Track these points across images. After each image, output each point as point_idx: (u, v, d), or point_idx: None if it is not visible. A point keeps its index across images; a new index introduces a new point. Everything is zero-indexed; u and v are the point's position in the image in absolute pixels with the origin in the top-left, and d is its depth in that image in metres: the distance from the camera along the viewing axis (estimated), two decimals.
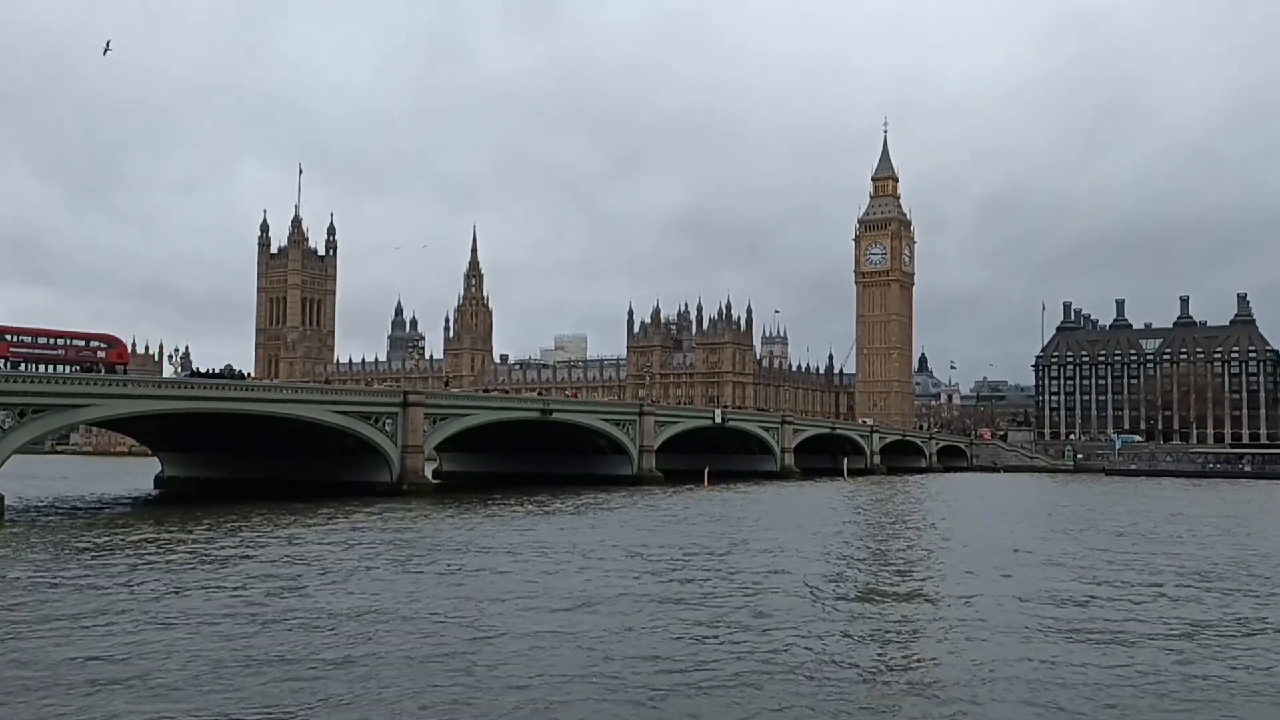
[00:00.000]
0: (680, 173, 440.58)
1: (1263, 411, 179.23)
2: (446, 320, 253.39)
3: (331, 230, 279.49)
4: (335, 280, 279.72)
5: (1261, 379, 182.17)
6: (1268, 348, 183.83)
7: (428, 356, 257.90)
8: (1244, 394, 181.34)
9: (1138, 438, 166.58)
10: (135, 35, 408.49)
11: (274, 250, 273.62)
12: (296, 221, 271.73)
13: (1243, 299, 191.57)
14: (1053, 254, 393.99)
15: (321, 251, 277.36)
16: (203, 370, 76.14)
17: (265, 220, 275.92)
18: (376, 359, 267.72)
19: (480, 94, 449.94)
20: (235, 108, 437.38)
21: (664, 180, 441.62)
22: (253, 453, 69.04)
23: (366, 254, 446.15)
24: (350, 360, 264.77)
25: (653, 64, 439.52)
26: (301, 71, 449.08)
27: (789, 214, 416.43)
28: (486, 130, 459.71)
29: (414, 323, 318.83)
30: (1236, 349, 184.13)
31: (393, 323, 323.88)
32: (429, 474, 75.47)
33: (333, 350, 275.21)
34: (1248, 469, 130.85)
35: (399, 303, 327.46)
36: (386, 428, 65.27)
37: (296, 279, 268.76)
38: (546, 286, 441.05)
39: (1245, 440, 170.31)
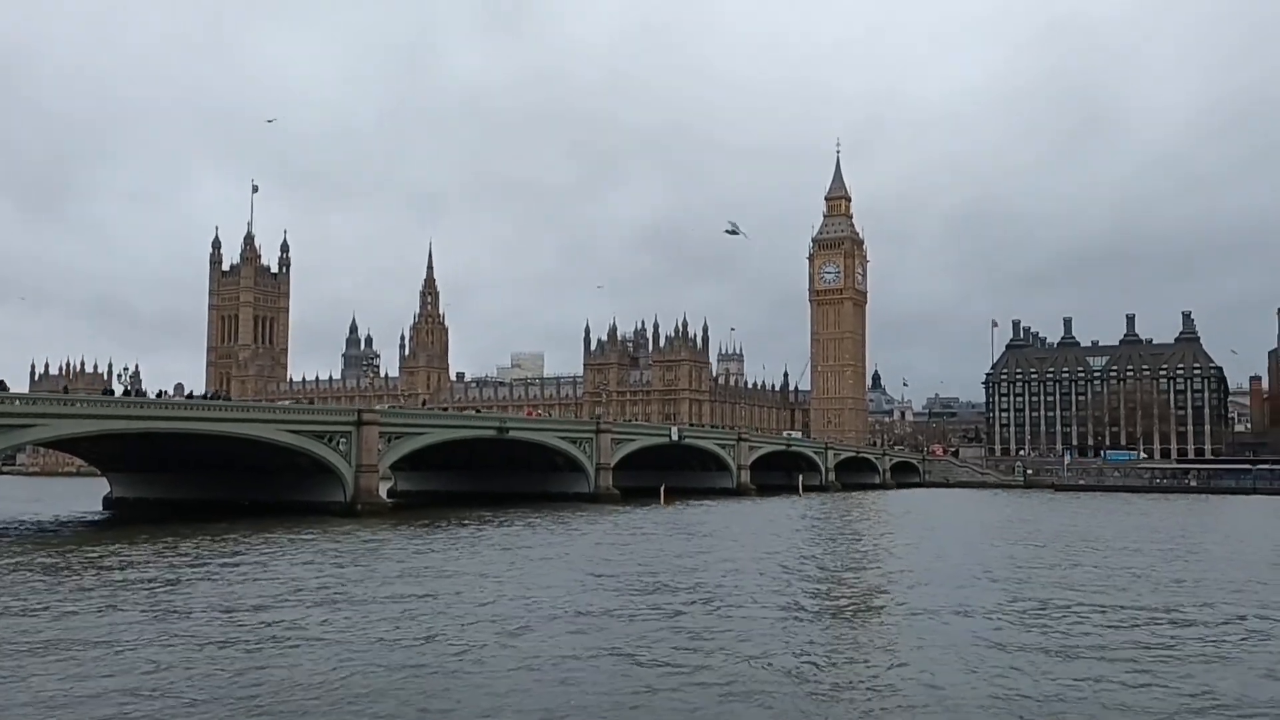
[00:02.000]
0: (652, 187, 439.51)
1: (1207, 427, 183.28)
2: (402, 338, 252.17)
3: (285, 247, 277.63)
4: (289, 297, 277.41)
5: (1206, 395, 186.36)
6: (1211, 365, 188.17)
7: (383, 374, 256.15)
8: (1189, 410, 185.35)
9: (1134, 455, 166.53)
10: (91, 41, 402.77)
11: (226, 267, 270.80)
12: (249, 239, 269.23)
13: (1187, 317, 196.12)
14: (1021, 269, 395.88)
15: (275, 268, 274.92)
16: (145, 391, 75.07)
17: (217, 237, 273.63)
18: (331, 377, 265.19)
19: (450, 104, 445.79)
20: (194, 116, 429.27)
21: (635, 194, 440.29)
22: (203, 473, 68.23)
23: (328, 267, 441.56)
24: (304, 378, 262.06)
25: (626, 77, 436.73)
26: (265, 80, 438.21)
27: (757, 229, 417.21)
28: (455, 141, 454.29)
29: (369, 340, 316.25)
30: (1181, 366, 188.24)
31: (347, 340, 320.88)
32: (384, 493, 74.97)
33: (286, 368, 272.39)
34: (1193, 484, 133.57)
35: (354, 320, 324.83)
36: (340, 447, 64.80)
37: (249, 296, 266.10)
38: (514, 300, 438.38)
39: (1191, 455, 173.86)
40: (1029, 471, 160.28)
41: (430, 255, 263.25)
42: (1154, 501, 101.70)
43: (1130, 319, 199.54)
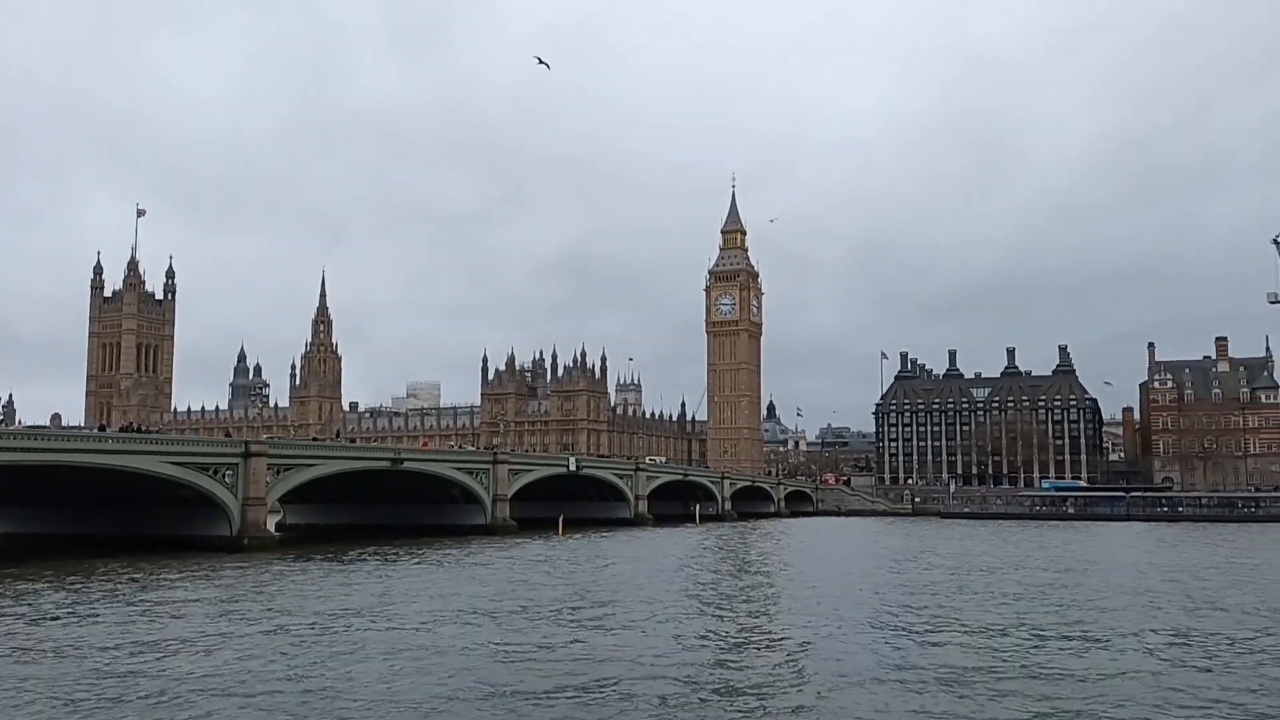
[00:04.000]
0: (559, 215, 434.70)
1: (1083, 456, 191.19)
2: (293, 367, 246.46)
3: (170, 273, 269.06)
4: (174, 325, 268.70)
5: (1081, 426, 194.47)
6: (1086, 396, 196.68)
7: (272, 404, 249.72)
8: (1066, 440, 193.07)
9: (1079, 481, 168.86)
10: None
11: (109, 293, 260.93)
12: (133, 264, 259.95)
13: (1063, 350, 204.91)
14: (919, 301, 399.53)
15: (160, 295, 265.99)
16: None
17: (99, 262, 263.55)
18: (217, 407, 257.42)
19: (355, 123, 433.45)
20: (84, 127, 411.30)
21: (542, 222, 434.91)
22: (79, 507, 65.42)
23: (218, 291, 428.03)
24: (189, 409, 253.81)
25: (541, 97, 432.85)
26: (160, 89, 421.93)
27: (664, 258, 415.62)
28: (359, 162, 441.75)
29: (258, 369, 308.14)
30: (1058, 397, 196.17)
31: (235, 369, 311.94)
32: (272, 527, 72.94)
33: (170, 398, 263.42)
34: (1071, 511, 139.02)
35: (242, 348, 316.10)
36: (226, 479, 62.89)
37: (132, 324, 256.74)
38: (415, 328, 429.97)
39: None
40: (917, 500, 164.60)
41: (323, 282, 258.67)
42: (1035, 528, 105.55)
43: (1010, 352, 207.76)
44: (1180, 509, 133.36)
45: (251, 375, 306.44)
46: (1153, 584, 44.51)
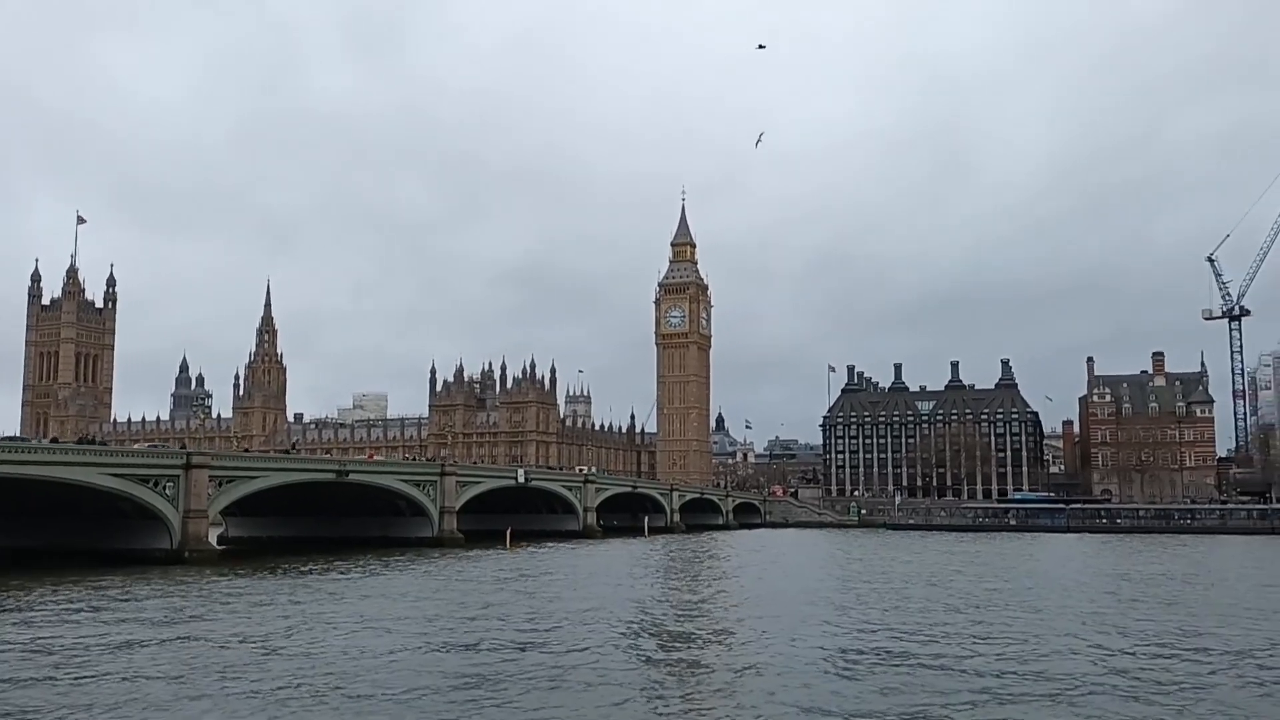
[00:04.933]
0: (515, 225, 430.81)
1: (1025, 469, 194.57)
2: (237, 377, 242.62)
3: (111, 281, 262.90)
4: (114, 334, 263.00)
5: (1023, 438, 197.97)
6: (1028, 410, 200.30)
7: (215, 415, 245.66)
8: (1008, 452, 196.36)
9: (1049, 494, 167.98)
10: None
11: (47, 301, 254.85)
12: (72, 272, 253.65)
13: (1006, 364, 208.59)
14: (874, 312, 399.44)
15: (101, 303, 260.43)
16: None
17: (37, 270, 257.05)
18: (159, 418, 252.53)
19: (310, 128, 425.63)
20: (23, 128, 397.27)
21: (498, 231, 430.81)
22: (10, 519, 63.78)
23: (165, 298, 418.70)
24: (130, 419, 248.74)
25: (500, 104, 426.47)
26: (107, 91, 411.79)
27: (619, 269, 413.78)
28: (313, 168, 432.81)
29: (200, 379, 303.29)
30: (1001, 411, 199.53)
31: (177, 379, 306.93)
32: (214, 540, 71.89)
33: (110, 409, 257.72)
34: (1013, 522, 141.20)
35: (184, 358, 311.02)
36: (167, 491, 61.91)
37: (70, 333, 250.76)
38: (365, 337, 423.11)
39: (1010, 495, 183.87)
40: (863, 511, 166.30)
41: (268, 291, 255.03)
42: (978, 539, 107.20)
43: (955, 365, 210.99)
44: (1118, 521, 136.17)
45: (194, 385, 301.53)
46: (1092, 593, 45.58)
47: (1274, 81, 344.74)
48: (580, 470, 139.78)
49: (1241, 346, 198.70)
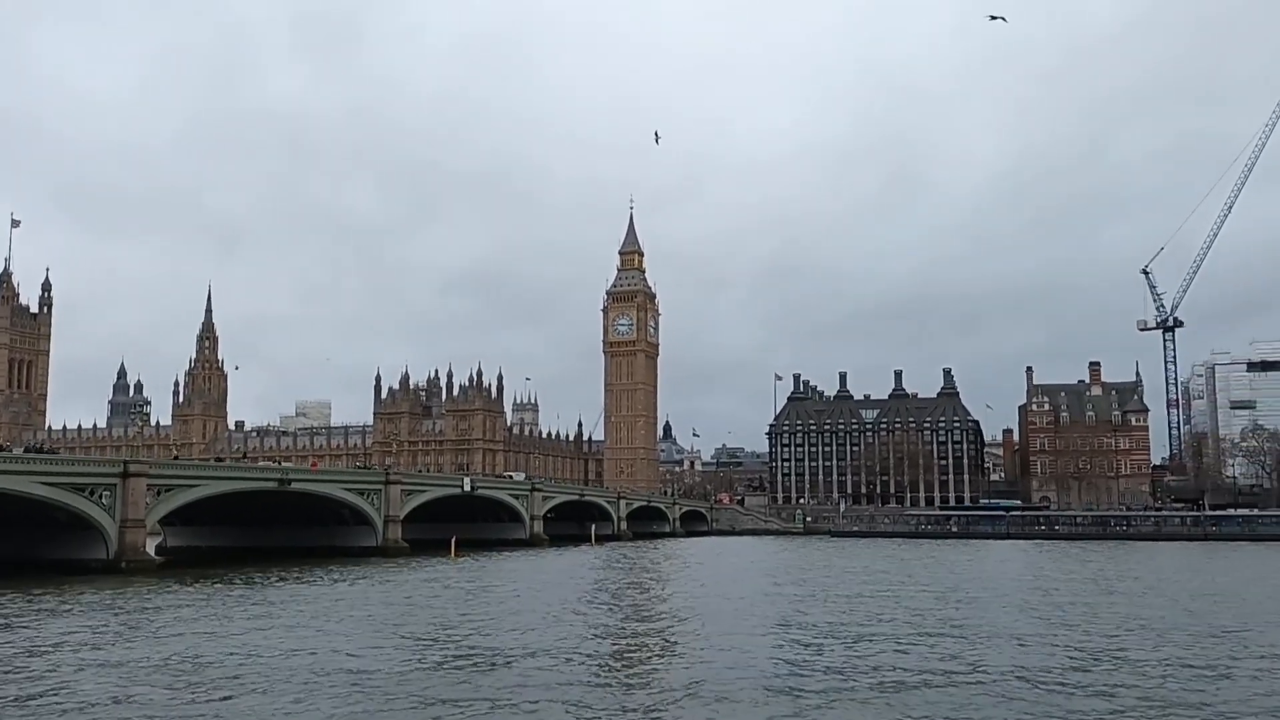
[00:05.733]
0: (469, 230, 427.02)
1: (966, 476, 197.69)
2: (176, 384, 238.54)
3: (47, 286, 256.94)
4: (50, 340, 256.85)
5: (965, 447, 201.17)
6: (969, 419, 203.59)
7: (154, 423, 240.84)
8: (950, 460, 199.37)
9: (1015, 503, 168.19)
10: None
11: None
12: (6, 275, 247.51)
13: (948, 374, 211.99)
14: (825, 321, 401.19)
15: (36, 308, 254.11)
16: None
17: None
18: (96, 425, 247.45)
19: (260, 129, 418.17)
20: None
21: (454, 233, 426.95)
22: None
23: (105, 301, 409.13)
24: (65, 427, 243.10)
25: (455, 107, 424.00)
26: (52, 89, 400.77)
27: (571, 276, 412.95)
28: (262, 169, 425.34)
29: (139, 386, 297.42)
30: (943, 419, 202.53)
31: (115, 386, 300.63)
32: (152, 550, 70.46)
33: (44, 416, 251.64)
34: (955, 529, 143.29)
35: (123, 364, 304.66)
36: (103, 500, 60.60)
37: (4, 338, 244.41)
38: (312, 343, 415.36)
39: (952, 503, 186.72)
40: (808, 519, 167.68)
41: (209, 296, 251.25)
42: (920, 546, 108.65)
43: (898, 375, 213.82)
44: (1057, 527, 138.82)
45: (132, 392, 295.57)
46: (1027, 598, 46.50)
47: (1218, 99, 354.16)
48: (509, 477, 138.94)
49: (1175, 357, 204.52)
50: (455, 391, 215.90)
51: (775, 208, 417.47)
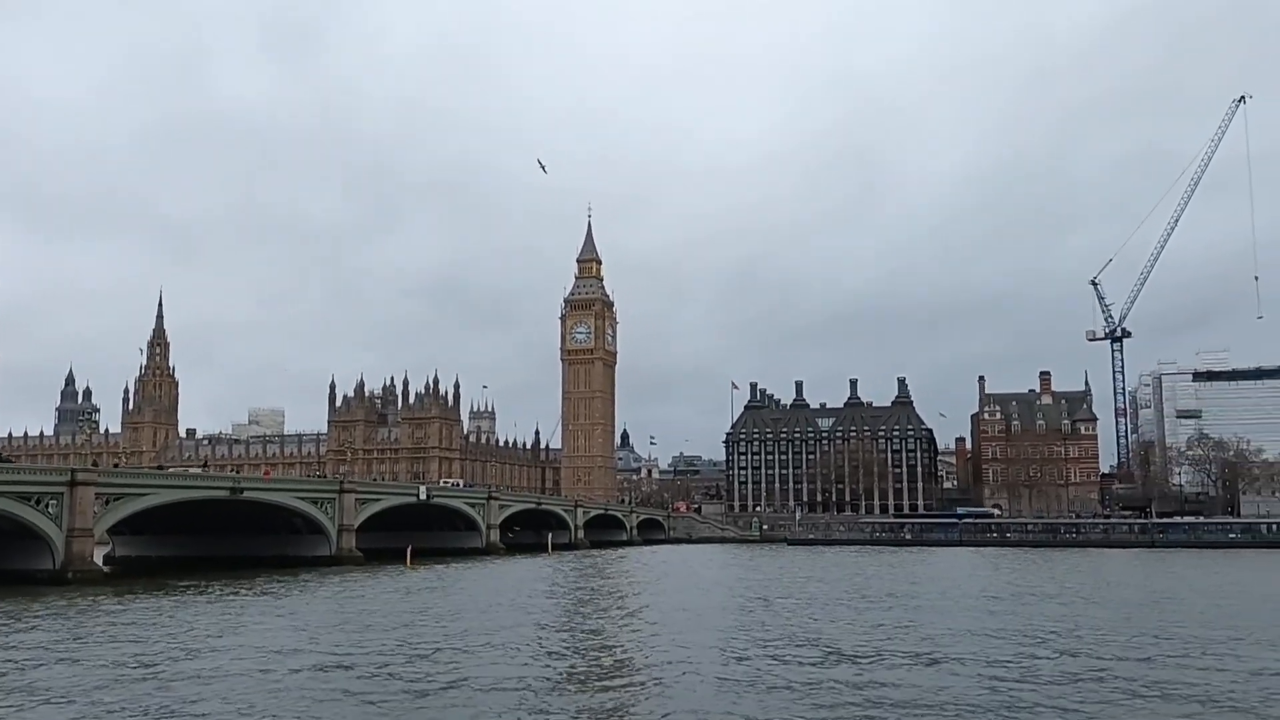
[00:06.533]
0: (433, 233, 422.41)
1: (920, 484, 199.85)
2: (126, 391, 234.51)
3: None
4: None
5: (919, 455, 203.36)
6: (923, 427, 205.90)
7: (103, 431, 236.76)
8: (904, 468, 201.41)
9: (996, 511, 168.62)
10: None
11: None
12: None
13: (902, 382, 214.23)
14: (790, 329, 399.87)
15: None
16: None
17: None
18: (42, 433, 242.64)
19: (218, 129, 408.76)
20: None
21: (415, 239, 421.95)
22: None
23: (55, 306, 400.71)
24: (10, 434, 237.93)
25: (417, 112, 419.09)
26: (7, 91, 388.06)
27: (532, 284, 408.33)
28: (220, 171, 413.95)
29: (88, 393, 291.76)
30: (897, 427, 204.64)
31: (62, 393, 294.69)
32: (100, 560, 69.34)
33: None
34: (908, 537, 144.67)
35: (70, 371, 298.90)
36: (50, 509, 59.54)
37: None
38: (269, 349, 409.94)
39: (906, 510, 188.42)
40: (765, 527, 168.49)
41: (160, 302, 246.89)
42: (875, 553, 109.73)
43: (854, 383, 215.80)
44: (1008, 535, 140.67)
45: (81, 399, 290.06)
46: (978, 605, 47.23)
47: (1176, 113, 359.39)
48: (447, 484, 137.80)
49: (1123, 367, 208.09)
50: (411, 399, 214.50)
51: (738, 217, 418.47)
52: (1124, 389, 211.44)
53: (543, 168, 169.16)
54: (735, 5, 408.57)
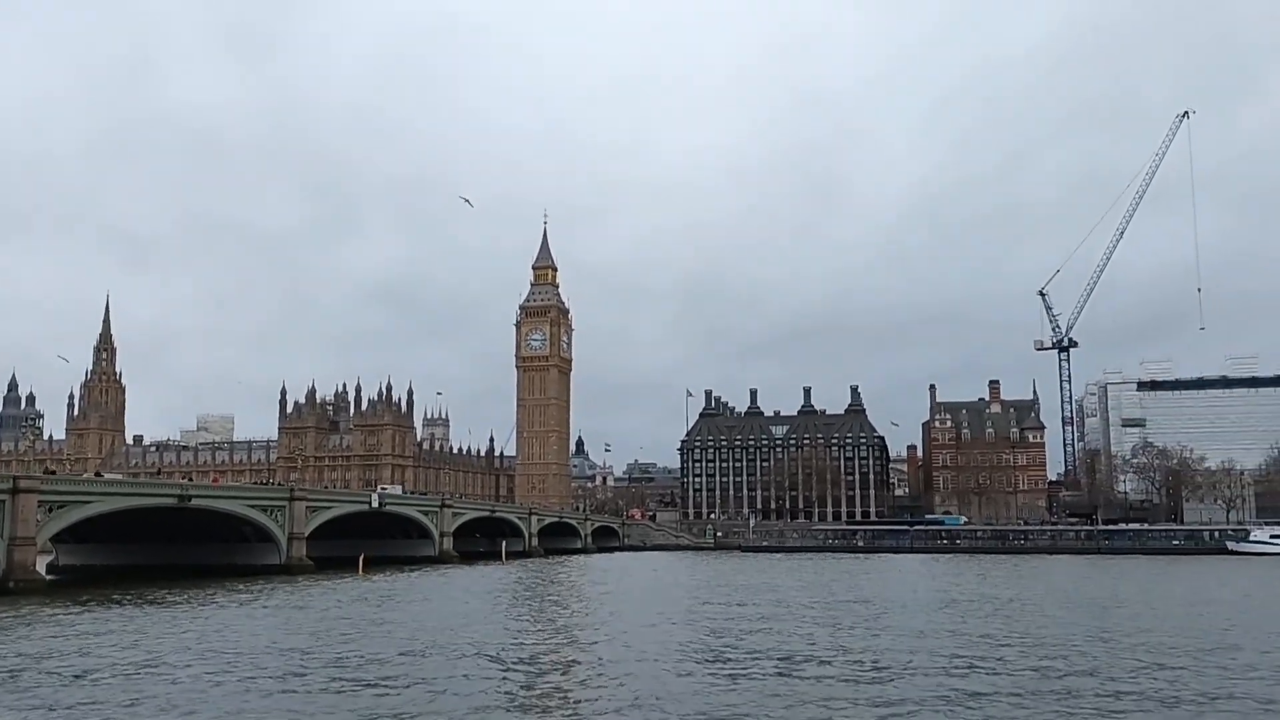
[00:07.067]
0: (387, 239, 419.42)
1: (872, 492, 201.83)
2: (71, 397, 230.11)
3: None
4: None
5: (871, 462, 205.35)
6: (875, 435, 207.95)
7: (47, 437, 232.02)
8: (856, 476, 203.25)
9: (964, 519, 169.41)
10: None
11: None
12: None
13: (855, 390, 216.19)
14: (746, 339, 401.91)
15: None
16: None
17: None
18: None
19: (168, 133, 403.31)
20: None
21: (371, 245, 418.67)
22: None
23: (1, 308, 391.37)
24: None
25: (374, 116, 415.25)
26: None
27: (487, 291, 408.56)
28: (169, 175, 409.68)
29: (31, 399, 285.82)
30: (850, 435, 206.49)
31: (5, 399, 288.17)
32: (43, 569, 67.88)
33: None
34: (861, 544, 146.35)
35: (13, 376, 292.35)
36: None
37: None
38: (220, 355, 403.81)
39: (859, 517, 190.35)
40: (719, 534, 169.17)
41: (107, 306, 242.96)
42: (828, 560, 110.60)
43: (807, 391, 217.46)
44: (958, 541, 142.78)
45: (24, 405, 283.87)
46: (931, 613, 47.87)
47: (1124, 125, 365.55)
48: (383, 490, 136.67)
49: (1070, 376, 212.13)
50: (364, 406, 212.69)
51: (695, 228, 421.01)
52: (1071, 398, 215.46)
53: (469, 203, 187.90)
54: (697, 20, 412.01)
